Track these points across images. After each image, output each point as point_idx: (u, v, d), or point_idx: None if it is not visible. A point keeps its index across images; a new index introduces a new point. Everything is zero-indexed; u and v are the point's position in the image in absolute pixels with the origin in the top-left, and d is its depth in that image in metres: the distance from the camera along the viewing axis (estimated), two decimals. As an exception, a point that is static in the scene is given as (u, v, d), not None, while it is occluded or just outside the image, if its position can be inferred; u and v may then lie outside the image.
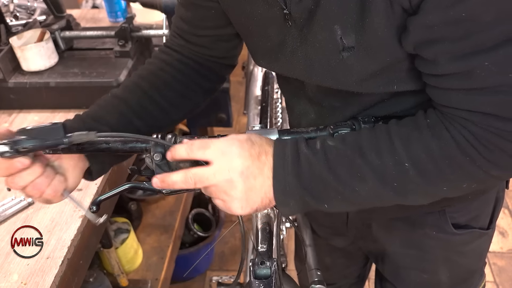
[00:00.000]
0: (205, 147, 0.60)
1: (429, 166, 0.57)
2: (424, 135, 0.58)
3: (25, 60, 1.22)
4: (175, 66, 0.81)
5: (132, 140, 0.66)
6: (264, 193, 0.61)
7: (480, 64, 0.51)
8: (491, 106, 0.54)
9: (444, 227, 0.84)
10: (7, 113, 1.24)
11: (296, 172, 0.60)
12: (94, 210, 0.66)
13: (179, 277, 1.82)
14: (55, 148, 0.61)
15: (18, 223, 0.92)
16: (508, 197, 2.16)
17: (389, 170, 0.58)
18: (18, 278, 0.82)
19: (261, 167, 0.60)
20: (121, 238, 1.50)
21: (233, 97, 1.95)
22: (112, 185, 1.06)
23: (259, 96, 1.54)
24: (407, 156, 0.58)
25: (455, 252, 0.88)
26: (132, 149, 0.66)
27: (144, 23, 1.63)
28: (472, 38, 0.51)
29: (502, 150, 0.55)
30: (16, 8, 1.61)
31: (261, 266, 0.70)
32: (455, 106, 0.56)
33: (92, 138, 0.59)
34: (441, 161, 0.57)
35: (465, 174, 0.58)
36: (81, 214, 0.93)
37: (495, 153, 0.55)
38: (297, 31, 0.64)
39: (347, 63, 0.60)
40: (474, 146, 0.56)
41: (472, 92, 0.54)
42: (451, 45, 0.52)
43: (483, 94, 0.54)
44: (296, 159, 0.60)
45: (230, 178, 0.59)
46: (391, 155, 0.58)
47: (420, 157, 0.57)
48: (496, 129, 0.54)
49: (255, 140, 0.62)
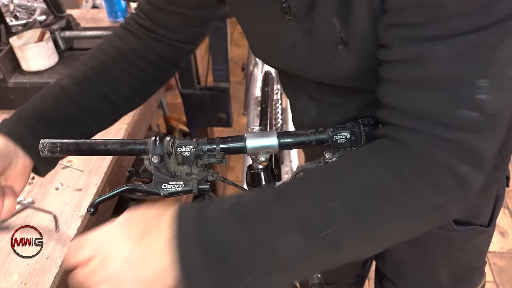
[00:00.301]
0: (79, 246, 0.51)
1: (360, 201, 0.49)
2: (354, 165, 0.52)
3: (25, 60, 1.22)
4: (130, 59, 0.77)
5: (130, 142, 0.66)
6: (164, 278, 0.48)
7: (433, 48, 0.48)
8: (432, 105, 0.49)
9: (446, 224, 0.83)
10: (7, 113, 1.24)
11: (199, 241, 0.47)
12: (92, 212, 0.65)
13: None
14: None
15: (18, 223, 0.92)
16: (508, 197, 2.16)
17: (314, 217, 0.48)
18: (18, 278, 0.82)
19: (149, 248, 0.48)
20: (121, 238, 1.50)
21: (233, 97, 1.95)
22: (112, 185, 1.06)
23: (259, 97, 1.54)
24: (334, 193, 0.50)
25: (456, 249, 0.88)
26: (130, 151, 0.66)
27: (144, 23, 1.63)
28: (433, 25, 0.47)
29: (441, 165, 0.48)
30: (16, 8, 1.61)
31: None
32: (395, 105, 0.52)
33: None
34: (370, 189, 0.49)
35: (400, 203, 0.49)
36: (81, 214, 0.93)
37: (432, 169, 0.48)
38: (297, 24, 0.62)
39: (341, 57, 0.59)
40: (405, 161, 0.49)
41: (417, 84, 0.50)
42: (411, 30, 0.49)
43: (427, 88, 0.49)
44: (199, 223, 0.49)
45: (114, 270, 0.48)
46: (314, 197, 0.49)
47: (350, 190, 0.49)
48: (433, 136, 0.48)
49: (136, 219, 0.52)
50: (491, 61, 0.48)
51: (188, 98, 1.91)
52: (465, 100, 0.48)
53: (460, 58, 0.47)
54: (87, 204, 0.96)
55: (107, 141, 0.67)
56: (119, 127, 1.17)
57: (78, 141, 0.67)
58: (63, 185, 1.00)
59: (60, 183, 1.00)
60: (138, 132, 1.26)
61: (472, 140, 0.48)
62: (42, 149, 0.66)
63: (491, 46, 0.47)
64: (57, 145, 0.66)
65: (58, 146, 0.66)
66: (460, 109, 0.48)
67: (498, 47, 0.47)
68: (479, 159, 0.49)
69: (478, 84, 0.47)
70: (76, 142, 0.66)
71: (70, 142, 0.66)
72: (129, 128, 1.19)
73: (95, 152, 0.67)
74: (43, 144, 0.66)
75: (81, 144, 0.66)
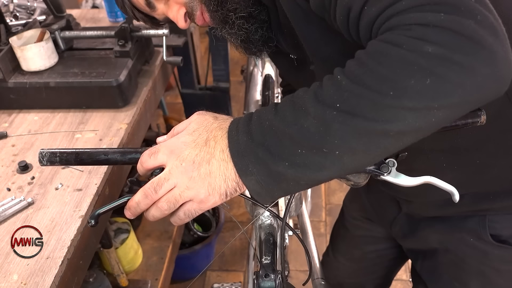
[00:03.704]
0: (155, 152, 0.61)
1: (359, 70, 0.51)
2: (356, 53, 0.54)
3: (25, 60, 1.22)
4: None
5: (131, 151, 0.65)
6: (225, 176, 0.58)
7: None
8: (378, 4, 0.52)
9: (482, 234, 0.82)
10: (7, 113, 1.24)
11: (247, 129, 0.58)
12: (92, 224, 0.64)
13: (179, 277, 1.82)
14: None
15: (18, 223, 0.92)
16: None
17: (327, 90, 0.53)
18: (18, 278, 0.82)
19: (211, 151, 0.59)
20: (121, 238, 1.50)
21: (233, 97, 1.95)
22: (112, 185, 1.06)
23: (260, 101, 1.54)
24: (340, 72, 0.53)
25: (491, 268, 0.86)
26: (131, 160, 0.66)
27: (144, 23, 1.63)
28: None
29: (418, 24, 0.49)
30: (16, 8, 1.62)
31: (265, 279, 0.70)
32: (368, 27, 0.55)
33: None
34: (367, 59, 0.51)
35: (397, 63, 0.49)
36: (81, 214, 0.93)
37: (413, 29, 0.49)
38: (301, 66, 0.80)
39: (315, 75, 0.74)
40: (393, 33, 0.50)
41: (363, 12, 0.54)
42: None
43: (367, 5, 0.54)
44: (248, 118, 0.59)
45: (185, 170, 0.59)
46: (330, 81, 0.54)
47: (350, 66, 0.53)
48: (398, 13, 0.51)
49: (204, 128, 0.61)
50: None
51: (188, 98, 1.92)
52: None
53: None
54: (87, 204, 0.95)
55: (107, 150, 0.66)
56: (119, 127, 1.17)
57: (78, 150, 0.66)
58: (63, 185, 1.00)
59: (60, 183, 1.00)
60: (138, 132, 1.26)
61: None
62: (41, 159, 0.65)
63: None
64: (56, 155, 0.65)
65: (57, 156, 0.65)
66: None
67: None
68: (445, 6, 0.49)
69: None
70: (76, 151, 0.65)
71: (70, 152, 0.65)
72: (129, 128, 1.19)
73: (95, 162, 0.66)
74: (42, 154, 0.65)
75: (80, 154, 0.65)
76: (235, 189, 0.59)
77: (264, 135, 0.56)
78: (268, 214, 0.82)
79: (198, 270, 1.87)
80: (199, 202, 0.60)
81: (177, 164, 0.59)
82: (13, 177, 1.03)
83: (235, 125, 0.60)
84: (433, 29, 0.48)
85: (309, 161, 0.53)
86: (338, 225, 1.28)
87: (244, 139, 0.57)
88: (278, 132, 0.54)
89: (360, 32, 0.57)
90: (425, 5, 0.49)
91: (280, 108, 0.56)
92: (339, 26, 0.60)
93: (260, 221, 0.82)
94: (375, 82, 0.49)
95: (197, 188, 0.59)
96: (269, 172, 0.55)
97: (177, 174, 0.59)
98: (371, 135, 0.51)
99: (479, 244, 0.83)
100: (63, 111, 1.23)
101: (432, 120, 0.49)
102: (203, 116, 0.63)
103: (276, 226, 0.82)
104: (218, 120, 0.62)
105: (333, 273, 1.26)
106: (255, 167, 0.56)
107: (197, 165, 0.58)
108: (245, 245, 2.03)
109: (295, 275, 1.87)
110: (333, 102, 0.51)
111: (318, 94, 0.53)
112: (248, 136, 0.57)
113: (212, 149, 0.59)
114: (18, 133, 1.17)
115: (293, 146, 0.53)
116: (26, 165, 1.05)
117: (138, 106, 1.25)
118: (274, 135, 0.55)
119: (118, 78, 1.20)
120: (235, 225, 2.16)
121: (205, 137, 0.60)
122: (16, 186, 1.01)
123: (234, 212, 2.19)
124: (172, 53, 1.57)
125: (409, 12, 0.50)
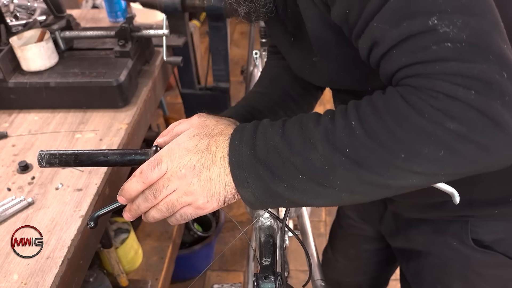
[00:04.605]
0: (158, 164, 0.60)
1: (375, 124, 0.51)
2: (373, 97, 0.54)
3: (25, 60, 1.22)
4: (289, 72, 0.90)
5: (131, 153, 0.65)
6: (225, 183, 0.59)
7: (373, 28, 0.52)
8: (410, 55, 0.50)
9: (464, 239, 0.82)
10: (7, 113, 1.24)
11: (251, 143, 0.58)
12: (92, 226, 0.64)
13: (179, 277, 1.82)
14: None
15: (18, 223, 0.92)
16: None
17: (339, 132, 0.53)
18: (18, 278, 0.82)
19: (212, 157, 0.59)
20: (121, 238, 1.50)
21: (233, 97, 1.95)
22: (112, 185, 1.06)
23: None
24: (355, 116, 0.53)
25: (474, 272, 0.85)
26: (131, 162, 0.65)
27: (144, 23, 1.63)
28: None
29: (446, 95, 0.47)
30: (16, 8, 1.62)
31: (265, 281, 0.69)
32: (391, 70, 0.53)
33: None
34: (386, 116, 0.50)
35: (416, 130, 0.49)
36: (81, 214, 0.93)
37: (440, 100, 0.48)
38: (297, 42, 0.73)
39: (317, 66, 0.70)
40: (417, 95, 0.49)
41: (390, 54, 0.52)
42: None
43: (397, 50, 0.51)
44: (253, 131, 0.59)
45: (184, 176, 0.59)
46: (344, 121, 0.53)
47: (366, 115, 0.52)
48: (428, 74, 0.49)
49: (205, 133, 0.61)
50: None
51: (188, 98, 1.91)
52: (432, 37, 0.49)
53: (396, 21, 0.50)
54: (87, 204, 0.96)
55: (106, 151, 0.66)
56: (119, 127, 1.17)
57: (77, 152, 0.65)
58: (63, 185, 1.00)
59: (60, 183, 1.00)
60: (138, 132, 1.26)
61: (458, 66, 0.48)
62: (40, 161, 0.64)
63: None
64: (55, 156, 0.64)
65: (56, 157, 0.64)
66: (433, 45, 0.48)
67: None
68: (476, 81, 0.47)
69: (434, 21, 0.48)
70: (75, 153, 0.65)
71: (69, 153, 0.65)
72: (129, 128, 1.19)
73: (95, 164, 0.65)
74: (41, 155, 0.64)
75: (80, 155, 0.65)
76: (234, 196, 0.60)
77: (267, 154, 0.56)
78: (268, 215, 0.82)
79: (198, 270, 1.88)
80: (196, 208, 0.61)
81: (177, 170, 0.59)
82: (13, 177, 1.04)
83: (238, 134, 0.60)
84: (460, 105, 0.47)
85: (308, 188, 0.55)
86: (335, 224, 1.29)
87: (247, 152, 0.57)
88: (283, 156, 0.55)
89: (380, 67, 0.55)
90: (458, 76, 0.47)
91: (287, 131, 0.57)
92: (356, 45, 0.58)
93: (260, 223, 0.82)
94: (390, 142, 0.50)
95: (196, 195, 0.59)
96: (267, 189, 0.57)
97: (176, 180, 0.59)
98: (373, 186, 0.53)
99: (462, 248, 0.83)
100: (63, 111, 1.23)
101: (435, 181, 0.53)
102: (204, 120, 0.63)
103: (276, 228, 0.82)
104: (220, 125, 0.62)
105: (332, 271, 1.28)
106: (253, 182, 0.57)
107: (198, 171, 0.59)
108: (245, 245, 2.03)
109: (295, 275, 1.87)
110: (343, 147, 0.52)
111: (329, 132, 0.53)
112: (252, 150, 0.57)
113: (213, 155, 0.59)
114: (19, 133, 1.17)
115: (295, 172, 0.55)
116: (27, 165, 1.05)
117: (138, 106, 1.25)
118: (278, 157, 0.56)
119: (118, 78, 1.20)
120: (235, 225, 2.16)
121: (207, 142, 0.60)
122: (16, 186, 1.01)
123: (234, 212, 2.19)
124: (172, 53, 1.57)
125: (439, 78, 0.48)
